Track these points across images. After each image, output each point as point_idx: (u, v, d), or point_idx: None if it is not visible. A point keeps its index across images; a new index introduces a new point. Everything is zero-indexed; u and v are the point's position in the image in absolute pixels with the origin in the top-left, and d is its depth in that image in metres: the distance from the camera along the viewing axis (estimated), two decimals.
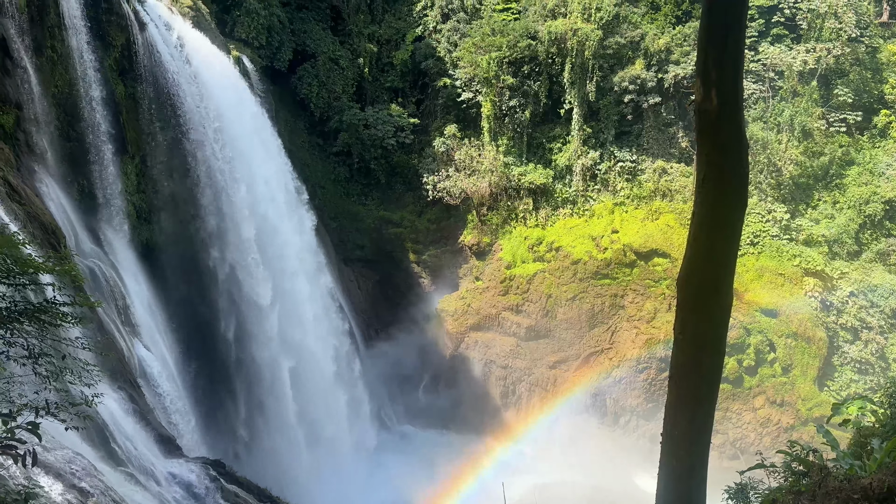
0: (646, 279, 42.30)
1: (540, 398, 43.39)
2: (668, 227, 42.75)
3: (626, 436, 42.15)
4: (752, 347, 40.10)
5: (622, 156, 44.24)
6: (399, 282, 46.48)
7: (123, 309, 24.74)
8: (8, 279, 9.61)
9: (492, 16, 45.36)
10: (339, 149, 45.66)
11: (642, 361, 41.37)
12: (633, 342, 41.97)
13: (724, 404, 40.00)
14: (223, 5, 40.65)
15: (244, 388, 33.34)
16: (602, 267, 42.63)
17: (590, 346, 42.89)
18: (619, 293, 42.68)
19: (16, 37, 22.86)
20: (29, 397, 9.78)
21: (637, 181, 44.13)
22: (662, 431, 7.60)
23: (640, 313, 42.29)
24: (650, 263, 42.38)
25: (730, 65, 6.37)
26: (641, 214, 43.58)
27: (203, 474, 21.16)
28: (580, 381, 42.73)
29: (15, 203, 18.78)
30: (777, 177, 42.56)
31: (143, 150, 29.85)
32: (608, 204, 44.34)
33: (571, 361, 43.13)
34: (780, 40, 43.63)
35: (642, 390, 41.63)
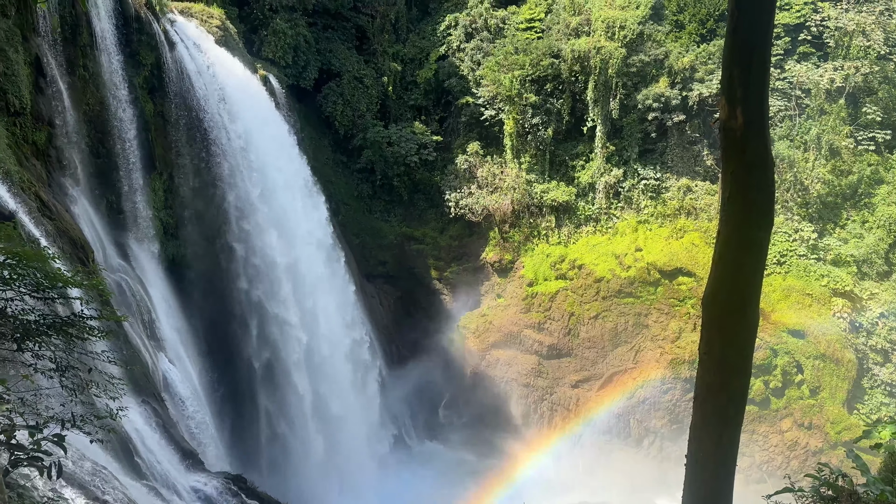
0: (670, 298, 41.84)
1: (562, 418, 42.95)
2: (693, 245, 42.32)
3: (649, 458, 41.50)
4: (779, 368, 39.37)
5: (646, 173, 44.01)
6: (420, 298, 46.51)
7: (149, 323, 25.04)
8: (37, 293, 9.78)
9: (515, 34, 45.62)
10: (362, 166, 46.04)
11: (667, 382, 40.80)
12: (657, 362, 41.43)
13: (751, 426, 39.27)
14: (251, 25, 41.39)
15: (266, 403, 33.47)
16: (625, 285, 42.27)
17: (613, 366, 42.43)
18: (642, 312, 42.24)
19: (50, 56, 23.47)
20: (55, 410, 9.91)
21: (661, 199, 43.83)
22: (687, 454, 7.48)
23: (664, 333, 41.79)
24: (675, 282, 41.94)
25: (755, 83, 6.33)
26: (666, 233, 43.22)
27: (224, 489, 21.24)
28: (603, 402, 42.23)
29: (45, 218, 19.16)
30: (804, 195, 42.01)
31: (171, 166, 30.37)
32: (632, 222, 44.07)
33: (594, 381, 42.68)
34: (806, 58, 43.27)
35: (666, 411, 41.01)
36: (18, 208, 17.21)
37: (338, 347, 37.08)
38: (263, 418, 33.50)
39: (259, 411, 33.34)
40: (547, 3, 46.55)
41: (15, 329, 9.33)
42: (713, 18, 43.97)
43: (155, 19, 28.50)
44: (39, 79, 22.90)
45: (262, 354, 32.94)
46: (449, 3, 48.36)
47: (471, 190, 44.87)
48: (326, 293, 36.83)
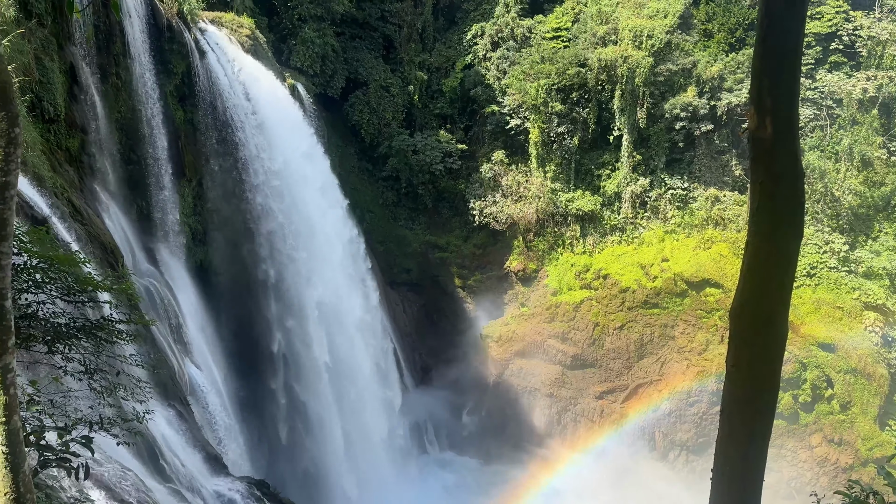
0: (697, 310, 41.31)
1: (586, 429, 42.55)
2: (720, 256, 41.79)
3: (675, 471, 40.91)
4: (809, 383, 38.63)
5: (673, 183, 43.62)
6: (444, 306, 46.52)
7: (176, 327, 25.36)
8: (68, 296, 9.96)
9: (541, 43, 45.62)
10: (387, 174, 46.29)
11: (693, 394, 40.24)
12: (683, 374, 40.90)
13: (779, 441, 38.54)
14: (280, 35, 41.95)
15: (289, 408, 33.66)
16: (651, 296, 41.85)
17: (638, 377, 41.98)
18: (669, 323, 41.77)
19: (84, 65, 23.99)
20: (84, 412, 10.07)
21: (689, 209, 43.39)
22: (713, 467, 7.36)
23: (691, 344, 41.26)
24: (702, 293, 41.42)
25: (785, 92, 6.24)
26: (693, 243, 42.74)
27: (247, 494, 21.37)
28: (628, 413, 41.77)
29: (77, 223, 19.53)
30: (835, 207, 41.29)
31: (200, 173, 30.80)
32: (658, 232, 43.67)
33: (619, 392, 42.25)
34: (838, 68, 42.62)
35: (693, 424, 40.44)
36: (51, 213, 17.57)
37: (361, 354, 37.20)
38: (285, 424, 33.69)
39: (281, 417, 33.54)
40: (574, 12, 46.51)
41: (46, 332, 9.52)
42: (742, 27, 43.55)
43: (186, 28, 29.00)
44: (73, 87, 23.40)
45: (285, 361, 33.17)
46: (475, 12, 48.55)
47: (495, 198, 44.85)
48: (351, 300, 37.01)
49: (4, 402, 4.41)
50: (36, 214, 16.45)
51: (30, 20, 20.38)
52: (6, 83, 4.18)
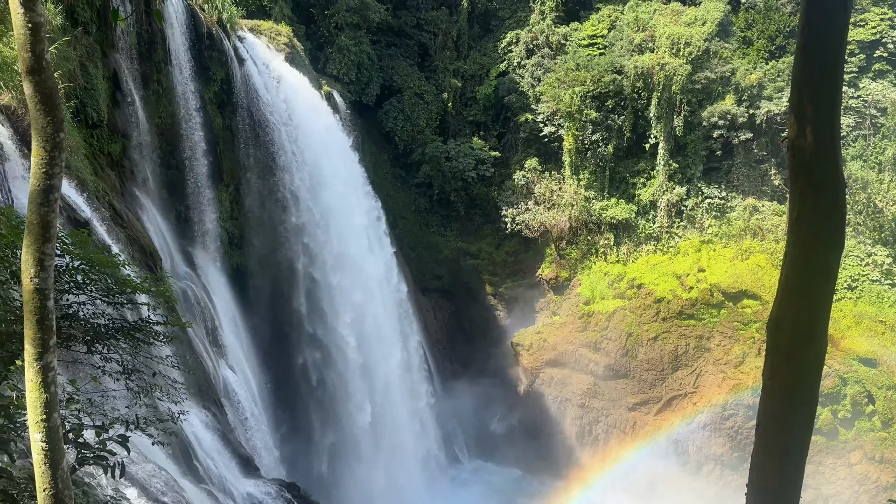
0: (734, 321, 40.55)
1: (618, 440, 42.00)
2: (758, 267, 40.99)
3: (709, 485, 40.11)
4: (849, 398, 37.59)
5: (710, 192, 42.97)
6: (475, 313, 46.45)
7: (212, 330, 25.76)
8: (108, 297, 10.18)
9: (577, 51, 45.42)
10: (420, 180, 46.48)
11: (728, 408, 39.46)
12: (718, 387, 40.14)
13: (817, 457, 37.56)
14: (317, 43, 42.50)
15: (321, 413, 33.92)
16: (687, 307, 41.20)
17: (672, 389, 41.32)
18: (704, 335, 41.06)
19: (126, 71, 24.60)
20: (121, 411, 10.27)
21: (726, 219, 42.67)
22: (748, 483, 7.21)
23: (727, 357, 40.49)
24: (739, 305, 40.65)
25: (827, 101, 6.11)
26: (730, 253, 42.00)
27: (278, 496, 21.56)
28: (661, 426, 41.13)
29: (118, 226, 19.99)
30: (878, 218, 40.20)
31: (237, 178, 31.31)
32: (694, 241, 43.02)
33: (652, 404, 41.63)
34: (882, 76, 41.59)
35: (728, 438, 39.64)
36: (93, 216, 18.01)
37: (392, 361, 37.33)
38: (317, 427, 33.94)
39: (313, 421, 33.81)
40: (610, 19, 46.24)
41: (85, 332, 9.74)
42: (783, 35, 42.80)
43: (226, 36, 29.57)
44: (116, 93, 24.01)
45: (317, 365, 33.45)
46: (511, 20, 48.58)
47: (528, 206, 44.69)
48: (383, 306, 37.19)
49: (45, 399, 4.52)
50: (78, 217, 16.88)
51: (76, 28, 20.98)
52: (52, 89, 4.30)
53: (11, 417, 6.01)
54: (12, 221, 8.67)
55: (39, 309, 4.51)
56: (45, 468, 4.54)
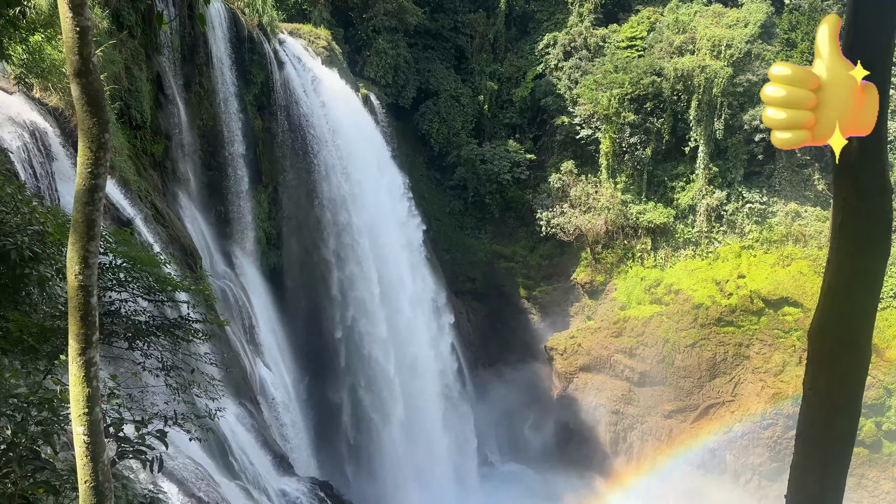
0: (774, 329, 39.66)
1: (653, 448, 41.41)
2: (800, 274, 40.03)
3: (746, 496, 39.28)
4: (893, 410, 36.45)
5: (751, 197, 42.10)
6: (508, 316, 46.26)
7: (249, 329, 26.16)
8: (149, 295, 10.42)
9: (615, 53, 44.97)
10: (455, 183, 46.52)
11: (767, 417, 38.61)
12: (758, 396, 39.31)
13: (859, 470, 36.50)
14: (355, 46, 42.88)
15: (353, 412, 34.16)
16: (726, 313, 40.43)
17: (710, 397, 40.58)
18: (744, 342, 40.25)
19: (169, 74, 25.16)
20: (159, 407, 10.49)
21: (767, 224, 41.77)
22: (786, 494, 7.04)
23: (766, 365, 39.63)
24: (780, 312, 39.74)
25: None
26: (771, 259, 41.09)
27: (311, 495, 21.78)
28: (698, 434, 40.43)
29: (159, 225, 20.45)
30: None
31: (276, 180, 31.77)
32: (734, 247, 42.19)
33: (689, 412, 40.95)
34: None
35: (766, 448, 38.78)
36: (136, 215, 18.45)
37: (426, 363, 37.41)
38: (350, 427, 34.19)
39: (345, 420, 34.06)
40: (649, 21, 45.69)
41: (127, 329, 9.98)
42: None
43: (266, 40, 30.03)
44: (159, 95, 24.57)
45: (350, 365, 33.69)
46: (548, 22, 48.32)
47: (563, 209, 44.38)
48: (417, 308, 37.30)
49: (88, 394, 4.64)
50: (121, 216, 17.30)
51: (121, 32, 21.54)
52: (98, 91, 4.42)
53: (55, 411, 6.19)
54: (58, 220, 8.93)
55: (83, 305, 4.63)
56: (86, 461, 4.65)
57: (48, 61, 15.69)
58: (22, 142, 13.74)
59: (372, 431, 34.42)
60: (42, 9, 10.86)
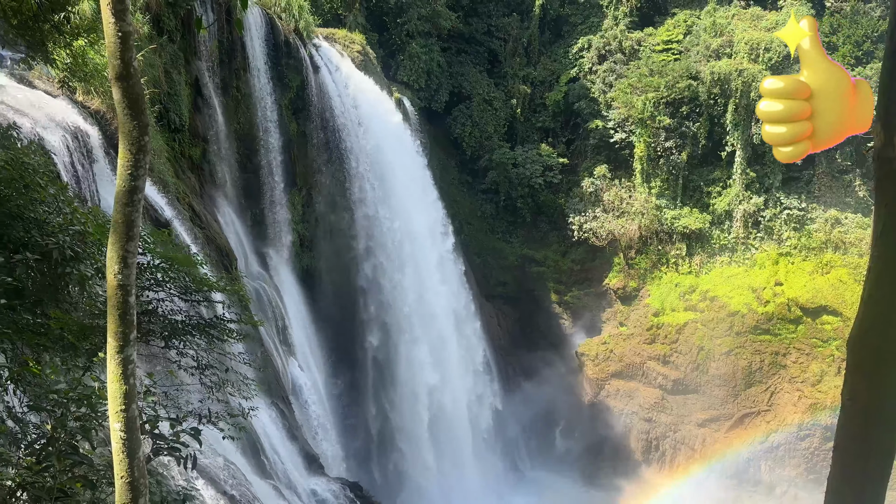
0: (812, 338, 38.78)
1: (686, 457, 40.77)
2: (840, 282, 39.07)
3: None
4: None
5: (789, 203, 41.26)
6: (539, 321, 45.98)
7: (282, 329, 26.45)
8: (185, 295, 10.61)
9: (650, 56, 44.49)
10: (486, 186, 46.46)
11: (804, 428, 37.74)
12: (794, 406, 38.46)
13: None
14: (389, 50, 43.16)
15: (382, 414, 34.29)
16: (762, 321, 39.65)
17: (745, 406, 39.82)
18: (780, 351, 39.42)
19: (207, 78, 25.61)
20: (194, 405, 10.66)
21: (806, 231, 40.88)
22: None
23: (804, 375, 38.76)
24: (818, 321, 38.84)
25: None
26: (810, 267, 40.20)
27: (341, 495, 21.91)
28: (732, 444, 39.69)
29: (196, 227, 20.81)
30: None
31: (310, 183, 32.11)
32: (772, 254, 41.37)
33: (723, 421, 40.23)
34: None
35: (803, 459, 37.90)
36: (174, 216, 18.80)
37: (455, 366, 37.39)
38: (378, 429, 34.32)
39: (374, 421, 34.20)
40: (686, 24, 45.12)
41: (164, 328, 10.17)
42: (870, 40, 40.74)
43: (302, 44, 30.40)
44: (198, 98, 25.04)
45: (380, 368, 33.84)
46: (583, 25, 48.03)
47: (595, 213, 44.00)
48: (448, 313, 37.32)
49: (125, 391, 4.74)
50: (160, 217, 17.65)
51: (161, 36, 22.00)
52: (139, 95, 4.52)
53: (94, 407, 6.33)
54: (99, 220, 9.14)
55: (122, 304, 4.73)
56: (122, 456, 4.75)
57: (91, 65, 16.09)
58: (65, 144, 14.11)
59: (399, 434, 34.51)
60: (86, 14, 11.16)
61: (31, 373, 6.64)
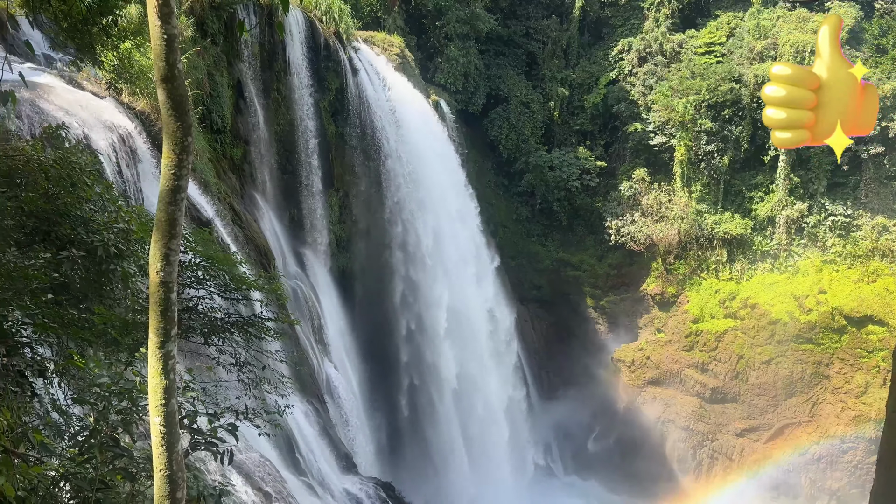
0: (857, 348, 37.70)
1: (723, 467, 39.98)
2: (886, 291, 37.90)
3: None
4: None
5: (835, 209, 40.18)
6: (574, 326, 45.56)
7: (318, 328, 26.72)
8: (224, 293, 10.79)
9: (692, 59, 43.81)
10: (522, 189, 46.27)
11: (847, 440, 36.71)
12: (837, 417, 37.44)
13: None
14: (427, 53, 43.32)
15: (416, 416, 34.35)
16: (805, 330, 38.68)
17: (785, 417, 38.89)
18: (823, 361, 38.41)
19: (249, 81, 26.03)
20: (231, 401, 10.83)
21: (851, 238, 39.77)
22: None
23: (847, 386, 37.69)
24: (863, 331, 37.74)
25: None
26: (855, 275, 39.08)
27: (374, 495, 22.02)
28: (771, 455, 38.80)
29: (237, 226, 21.15)
30: None
31: (347, 184, 32.39)
32: (816, 261, 40.34)
33: (763, 431, 39.35)
34: None
35: (845, 472, 36.85)
36: (214, 216, 19.15)
37: (489, 369, 37.28)
38: (410, 430, 34.39)
39: (407, 423, 34.29)
40: (729, 27, 44.32)
41: (203, 325, 10.35)
42: None
43: (342, 47, 30.69)
44: (239, 100, 25.46)
45: (414, 370, 33.92)
46: (623, 27, 47.53)
47: (633, 217, 43.47)
48: (482, 315, 37.25)
49: (165, 385, 4.84)
50: (201, 217, 17.98)
51: (205, 39, 22.43)
52: (183, 96, 4.62)
53: (135, 401, 6.48)
54: (142, 219, 9.35)
55: (163, 300, 4.83)
56: (161, 450, 4.84)
57: (137, 67, 16.50)
58: (111, 144, 14.48)
59: (432, 437, 34.53)
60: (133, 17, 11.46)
61: (75, 366, 6.82)
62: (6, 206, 7.73)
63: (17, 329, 6.63)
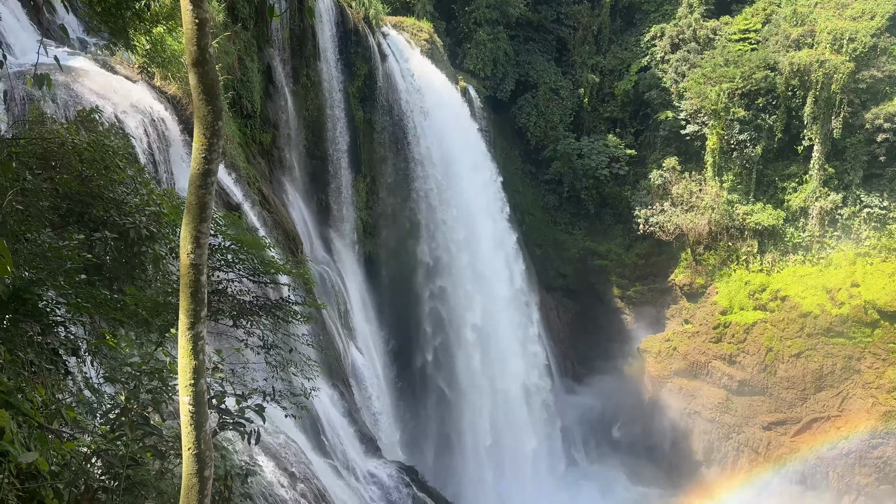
0: (889, 343, 36.94)
1: (749, 460, 39.58)
2: None
3: None
4: None
5: (870, 201, 39.26)
6: (600, 315, 45.30)
7: (344, 313, 26.91)
8: (253, 276, 10.90)
9: (726, 46, 42.96)
10: (550, 177, 45.95)
11: (877, 436, 36.08)
12: (867, 412, 36.80)
13: None
14: (456, 39, 43.08)
15: (439, 401, 34.52)
16: (836, 323, 38.00)
17: (814, 411, 38.33)
18: (854, 355, 37.72)
19: (279, 66, 26.13)
20: (259, 383, 10.98)
21: (887, 230, 38.85)
22: None
23: (879, 381, 36.99)
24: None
25: None
26: (890, 269, 38.22)
27: (398, 478, 22.22)
28: (799, 448, 38.30)
29: (265, 211, 21.33)
30: None
31: (374, 170, 32.46)
32: (849, 254, 39.51)
33: (790, 425, 38.84)
34: None
35: (874, 468, 36.26)
36: (244, 200, 19.33)
37: (514, 359, 37.26)
38: (435, 416, 34.58)
39: (431, 408, 34.48)
40: (765, 13, 43.33)
41: (232, 307, 10.49)
42: None
43: (371, 33, 30.65)
44: (269, 86, 25.58)
45: (439, 357, 34.03)
46: (656, 13, 46.76)
47: (663, 207, 42.94)
48: (508, 304, 37.20)
49: (194, 366, 4.91)
50: (231, 201, 18.17)
51: (235, 24, 22.55)
52: (214, 81, 4.64)
53: (164, 381, 6.59)
54: (173, 202, 9.47)
55: (193, 283, 4.89)
56: (190, 429, 4.93)
57: (168, 52, 16.65)
58: (143, 127, 14.67)
59: (457, 423, 34.68)
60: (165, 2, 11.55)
61: (107, 346, 6.96)
62: (41, 187, 7.89)
63: (51, 308, 6.78)
